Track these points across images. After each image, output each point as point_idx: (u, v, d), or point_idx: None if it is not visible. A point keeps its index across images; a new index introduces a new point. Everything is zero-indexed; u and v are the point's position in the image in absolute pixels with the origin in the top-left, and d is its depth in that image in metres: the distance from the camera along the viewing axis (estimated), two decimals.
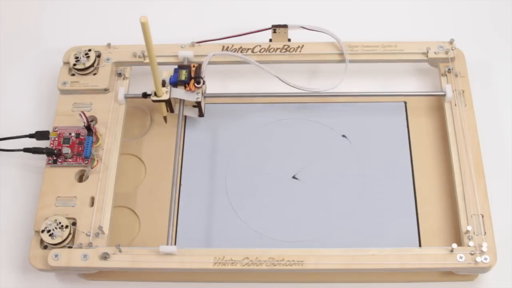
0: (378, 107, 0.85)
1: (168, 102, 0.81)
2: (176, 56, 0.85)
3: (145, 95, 0.81)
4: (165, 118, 0.83)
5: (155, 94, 0.80)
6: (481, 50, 0.91)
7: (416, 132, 0.84)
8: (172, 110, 0.82)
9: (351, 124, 0.84)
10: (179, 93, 0.80)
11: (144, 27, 0.70)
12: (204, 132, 0.85)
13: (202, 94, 0.81)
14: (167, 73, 0.81)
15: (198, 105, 0.82)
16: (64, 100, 0.84)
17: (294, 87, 0.82)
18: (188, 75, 0.81)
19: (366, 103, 0.86)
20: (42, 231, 0.74)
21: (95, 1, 0.98)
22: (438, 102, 0.85)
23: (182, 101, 0.81)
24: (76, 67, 0.84)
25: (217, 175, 0.82)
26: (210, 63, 0.85)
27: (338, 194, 0.80)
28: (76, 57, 0.84)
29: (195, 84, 0.80)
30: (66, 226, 0.75)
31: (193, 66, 0.81)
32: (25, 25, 0.97)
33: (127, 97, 0.83)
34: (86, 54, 0.84)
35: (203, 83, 0.81)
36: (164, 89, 0.80)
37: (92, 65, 0.84)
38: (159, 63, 0.85)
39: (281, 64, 0.86)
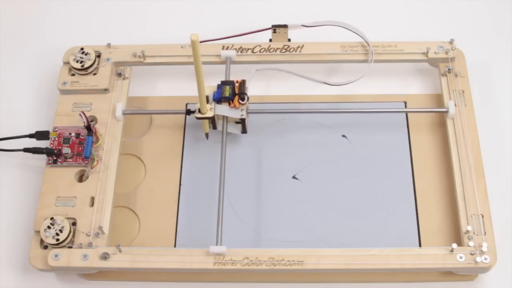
0: (378, 107, 0.85)
1: (212, 119, 0.79)
2: (177, 56, 0.85)
3: (188, 112, 0.80)
4: (206, 134, 0.82)
5: (199, 111, 0.78)
6: (481, 50, 0.91)
7: (416, 133, 0.84)
8: (214, 127, 0.81)
9: (351, 124, 0.84)
10: (223, 110, 0.79)
11: (194, 45, 0.68)
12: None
13: (246, 110, 0.80)
14: (210, 89, 0.79)
15: (242, 121, 0.80)
16: (64, 100, 0.84)
17: (319, 82, 0.82)
18: (232, 91, 0.79)
19: (366, 103, 0.86)
20: (46, 230, 0.74)
21: (95, 1, 0.98)
22: (438, 101, 0.85)
23: (225, 118, 0.80)
24: (76, 66, 0.84)
25: (217, 175, 0.82)
26: (210, 63, 0.86)
27: (338, 194, 0.80)
28: (80, 59, 0.84)
29: (240, 101, 0.79)
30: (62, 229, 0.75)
31: (237, 82, 0.80)
32: (25, 25, 0.97)
33: (125, 113, 0.82)
34: (86, 53, 0.84)
35: (247, 100, 0.79)
36: (208, 105, 0.78)
37: (92, 65, 0.84)
38: (160, 63, 0.86)
39: (281, 64, 0.86)
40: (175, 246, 0.78)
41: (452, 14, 0.95)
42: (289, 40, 0.86)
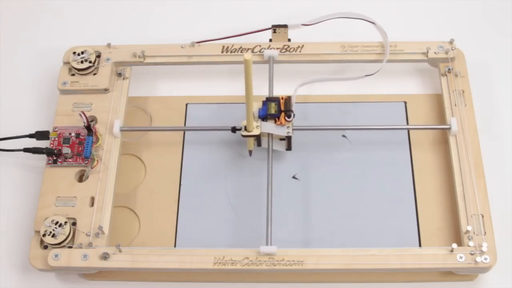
0: (378, 107, 0.85)
1: (257, 137, 0.78)
2: (177, 56, 0.85)
3: (234, 130, 0.78)
4: (250, 152, 0.80)
5: (245, 129, 0.77)
6: (481, 50, 0.91)
7: (416, 132, 0.84)
8: (259, 144, 0.79)
9: (351, 124, 0.84)
10: (269, 127, 0.77)
11: (248, 64, 0.67)
12: (203, 133, 0.85)
13: (292, 127, 0.78)
14: (255, 105, 0.78)
15: (288, 139, 0.79)
16: (64, 100, 0.84)
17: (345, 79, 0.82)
18: (277, 108, 0.78)
19: (366, 103, 0.86)
20: (44, 235, 0.74)
21: (96, 1, 0.98)
22: (438, 102, 0.85)
23: (270, 135, 0.79)
24: (76, 66, 0.84)
25: (217, 175, 0.82)
26: (208, 63, 0.85)
27: (338, 194, 0.80)
28: (80, 58, 0.84)
29: (286, 118, 0.78)
30: (65, 223, 0.75)
31: (282, 99, 0.78)
32: (25, 25, 0.97)
33: (122, 130, 0.81)
34: (85, 52, 0.84)
35: (294, 117, 0.78)
36: (254, 123, 0.77)
37: (92, 65, 0.84)
38: (160, 63, 0.86)
39: (281, 64, 0.86)
40: (175, 246, 0.78)
41: (452, 14, 0.95)
42: (289, 40, 0.86)
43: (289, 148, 0.80)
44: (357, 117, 0.85)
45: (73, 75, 0.85)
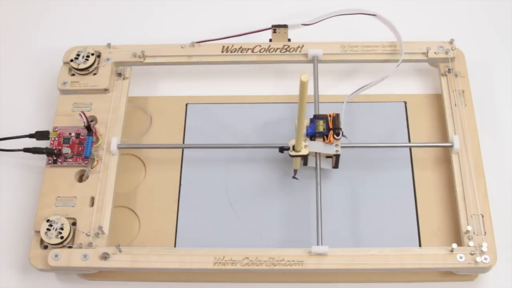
0: (378, 107, 0.85)
1: (304, 156, 0.77)
2: (177, 56, 0.85)
3: (281, 150, 0.77)
4: (295, 171, 0.79)
5: (293, 149, 0.75)
6: (481, 50, 0.91)
7: (416, 132, 0.84)
8: (305, 163, 0.78)
9: (351, 124, 0.84)
10: (318, 146, 0.76)
11: (303, 86, 0.65)
12: (204, 134, 0.84)
13: (340, 145, 0.77)
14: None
15: (336, 157, 0.77)
16: (64, 100, 0.84)
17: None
18: (326, 126, 0.76)
19: (366, 103, 0.86)
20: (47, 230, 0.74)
21: (96, 1, 0.98)
22: (438, 102, 0.85)
23: (318, 154, 0.77)
24: (75, 65, 0.84)
25: (217, 175, 0.82)
26: (208, 63, 0.85)
27: (338, 194, 0.80)
28: (77, 55, 0.84)
29: (335, 136, 0.76)
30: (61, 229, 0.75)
31: (330, 116, 0.77)
32: (25, 25, 0.97)
33: (120, 147, 0.80)
34: (87, 54, 0.84)
35: (342, 134, 0.76)
36: (302, 143, 0.75)
37: (92, 65, 0.84)
38: (160, 63, 0.86)
39: (281, 64, 0.86)
40: (175, 246, 0.78)
41: (452, 14, 0.95)
42: (289, 40, 0.86)
43: (336, 166, 0.79)
44: (357, 117, 0.85)
45: (73, 75, 0.85)
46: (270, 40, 0.86)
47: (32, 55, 0.94)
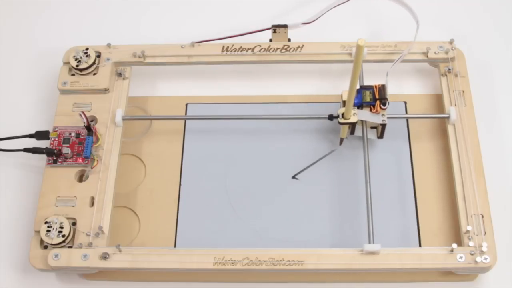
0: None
1: (352, 125, 0.78)
2: (177, 56, 0.85)
3: (331, 118, 0.78)
4: (341, 140, 0.81)
5: (343, 116, 0.77)
6: (481, 50, 0.91)
7: (416, 132, 0.84)
8: (353, 132, 0.80)
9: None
10: (366, 115, 0.78)
11: (359, 50, 0.66)
12: (206, 133, 0.84)
13: (386, 115, 0.78)
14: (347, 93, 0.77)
15: (382, 127, 0.79)
16: (64, 100, 0.84)
17: None
18: (372, 96, 0.78)
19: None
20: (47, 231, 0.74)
21: (96, 1, 0.98)
22: (438, 102, 0.85)
23: (365, 123, 0.79)
24: (76, 66, 0.84)
25: (217, 175, 0.82)
26: (208, 63, 0.85)
27: (338, 194, 0.80)
28: (77, 59, 0.84)
29: (381, 106, 0.78)
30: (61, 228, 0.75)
31: (376, 87, 0.78)
32: (25, 25, 0.97)
33: (124, 119, 0.82)
34: (86, 54, 0.84)
35: (388, 104, 0.78)
36: (352, 111, 0.77)
37: (92, 65, 0.84)
38: (160, 63, 0.86)
39: (281, 64, 0.86)
40: (175, 246, 0.78)
41: (452, 14, 0.95)
42: (289, 40, 0.86)
43: (381, 136, 0.81)
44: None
45: (73, 75, 0.85)
46: (270, 40, 0.86)
47: (32, 55, 0.94)
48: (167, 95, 0.88)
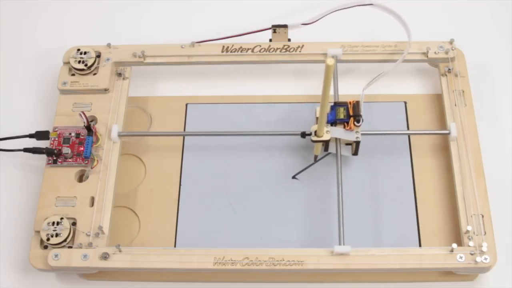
0: (378, 107, 0.85)
1: (326, 142, 0.78)
2: (177, 56, 0.85)
3: (304, 135, 0.78)
4: (315, 157, 0.80)
5: (315, 134, 0.76)
6: (481, 50, 0.91)
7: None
8: (326, 149, 0.79)
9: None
10: (339, 132, 0.77)
11: (329, 69, 0.65)
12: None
13: (360, 132, 0.78)
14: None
15: (356, 144, 0.78)
16: (64, 100, 0.84)
17: None
18: (346, 113, 0.77)
19: (366, 103, 0.86)
20: (48, 239, 0.74)
21: (95, 1, 0.98)
22: (438, 102, 0.85)
23: (338, 140, 0.79)
24: (76, 67, 0.84)
25: (217, 175, 0.82)
26: (208, 63, 0.85)
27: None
28: (79, 58, 0.84)
29: (355, 123, 0.77)
30: (61, 219, 0.75)
31: (350, 103, 0.78)
32: (25, 25, 0.97)
33: (120, 135, 0.81)
34: (86, 53, 0.84)
35: (362, 121, 0.77)
36: (324, 128, 0.76)
37: (92, 65, 0.84)
38: (160, 63, 0.86)
39: (281, 64, 0.86)
40: (175, 246, 0.78)
41: (452, 14, 0.95)
42: (289, 40, 0.86)
43: (355, 153, 0.80)
44: None
45: (73, 75, 0.85)
46: (270, 40, 0.86)
47: (32, 55, 0.94)
48: (167, 95, 0.88)
